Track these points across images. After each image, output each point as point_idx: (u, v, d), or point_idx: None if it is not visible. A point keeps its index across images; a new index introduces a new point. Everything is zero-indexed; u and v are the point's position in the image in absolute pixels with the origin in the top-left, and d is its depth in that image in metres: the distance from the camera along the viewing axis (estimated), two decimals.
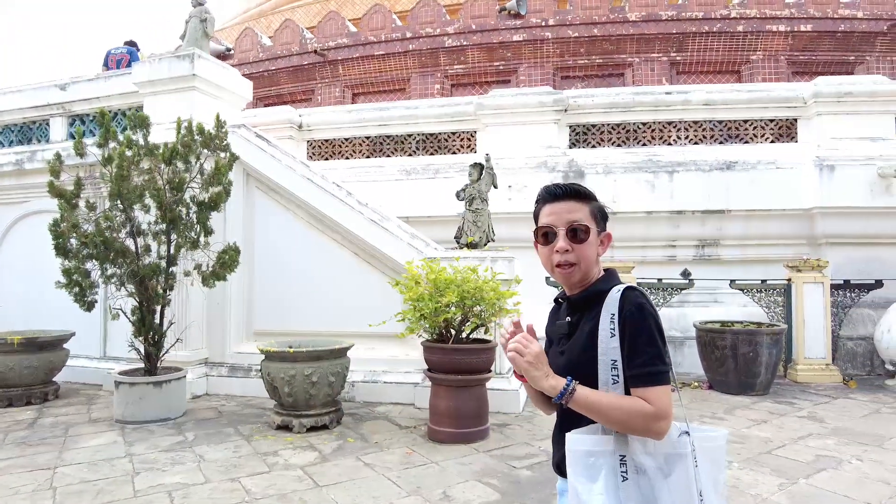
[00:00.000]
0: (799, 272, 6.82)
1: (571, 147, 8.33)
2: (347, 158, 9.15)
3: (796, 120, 8.00)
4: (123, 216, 5.17)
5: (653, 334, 1.37)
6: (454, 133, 8.77)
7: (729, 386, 6.16)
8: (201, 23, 6.70)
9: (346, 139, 9.21)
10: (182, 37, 6.87)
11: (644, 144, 8.20)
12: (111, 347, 6.74)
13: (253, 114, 9.24)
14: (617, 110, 8.22)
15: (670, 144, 8.15)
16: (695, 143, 8.11)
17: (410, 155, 8.83)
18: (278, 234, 6.43)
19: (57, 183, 5.12)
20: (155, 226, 5.29)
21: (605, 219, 1.55)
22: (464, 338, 4.73)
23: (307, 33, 12.67)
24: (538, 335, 1.52)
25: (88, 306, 5.13)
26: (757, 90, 8.15)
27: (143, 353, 5.29)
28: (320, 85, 12.56)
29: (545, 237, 1.51)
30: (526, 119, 8.26)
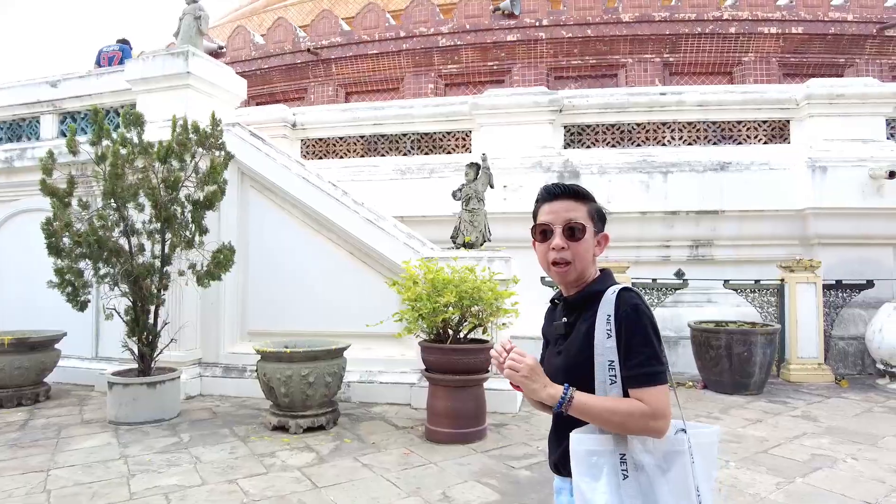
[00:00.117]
0: (792, 272, 6.88)
1: (566, 147, 8.33)
2: (342, 158, 9.11)
3: (789, 121, 8.06)
4: (117, 215, 5.12)
5: (648, 335, 1.38)
6: (449, 133, 8.75)
7: (723, 385, 6.19)
8: (195, 20, 6.65)
9: (341, 138, 9.17)
10: (175, 34, 6.81)
11: (638, 145, 8.23)
12: (103, 348, 6.67)
13: (246, 112, 9.17)
14: (612, 111, 8.24)
15: (664, 145, 8.19)
16: (689, 144, 8.15)
17: (405, 154, 8.80)
18: (273, 234, 6.39)
19: (49, 181, 5.05)
20: (149, 225, 5.24)
21: (603, 220, 1.57)
22: (461, 338, 4.72)
23: (300, 32, 12.60)
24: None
25: (81, 306, 5.08)
26: (750, 92, 8.20)
27: (137, 354, 5.23)
28: (313, 84, 12.50)
29: (543, 235, 1.53)
30: (521, 119, 8.25)
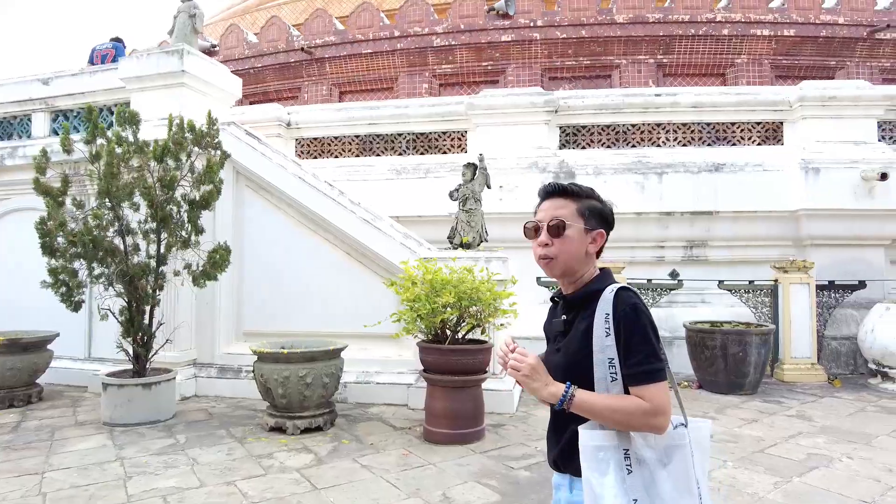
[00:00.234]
0: (785, 273, 6.93)
1: (562, 148, 8.35)
2: (336, 157, 9.07)
3: (782, 123, 8.12)
4: (112, 214, 5.06)
5: (647, 333, 1.41)
6: (445, 133, 8.74)
7: (718, 385, 6.23)
8: (190, 18, 6.60)
9: (336, 138, 9.13)
10: (170, 32, 6.75)
11: (633, 146, 8.26)
12: (96, 348, 6.59)
13: (241, 111, 9.10)
14: (607, 111, 8.26)
15: (659, 146, 8.22)
16: (683, 145, 8.19)
17: (401, 154, 8.77)
18: (269, 234, 6.35)
19: (43, 180, 4.99)
20: (145, 224, 5.19)
21: (600, 217, 1.58)
22: (459, 338, 4.71)
23: (294, 31, 12.54)
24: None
25: (75, 306, 5.02)
26: (744, 93, 8.26)
27: (132, 355, 5.18)
28: (307, 83, 12.44)
29: (534, 231, 1.59)
30: (517, 119, 8.25)
